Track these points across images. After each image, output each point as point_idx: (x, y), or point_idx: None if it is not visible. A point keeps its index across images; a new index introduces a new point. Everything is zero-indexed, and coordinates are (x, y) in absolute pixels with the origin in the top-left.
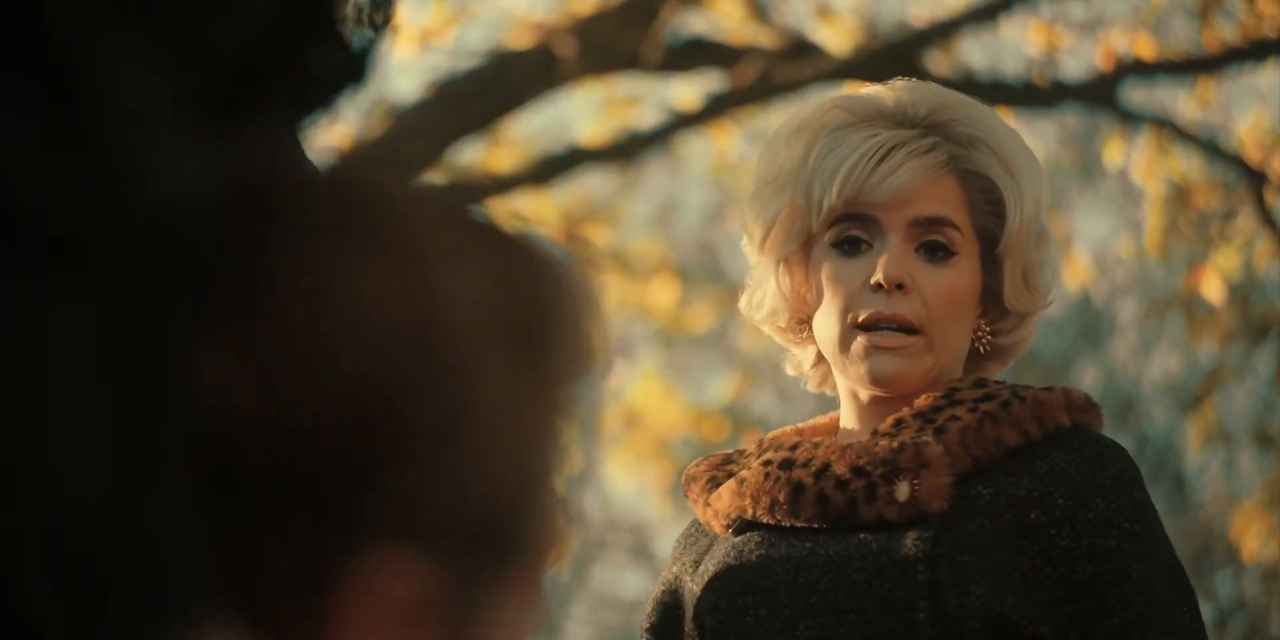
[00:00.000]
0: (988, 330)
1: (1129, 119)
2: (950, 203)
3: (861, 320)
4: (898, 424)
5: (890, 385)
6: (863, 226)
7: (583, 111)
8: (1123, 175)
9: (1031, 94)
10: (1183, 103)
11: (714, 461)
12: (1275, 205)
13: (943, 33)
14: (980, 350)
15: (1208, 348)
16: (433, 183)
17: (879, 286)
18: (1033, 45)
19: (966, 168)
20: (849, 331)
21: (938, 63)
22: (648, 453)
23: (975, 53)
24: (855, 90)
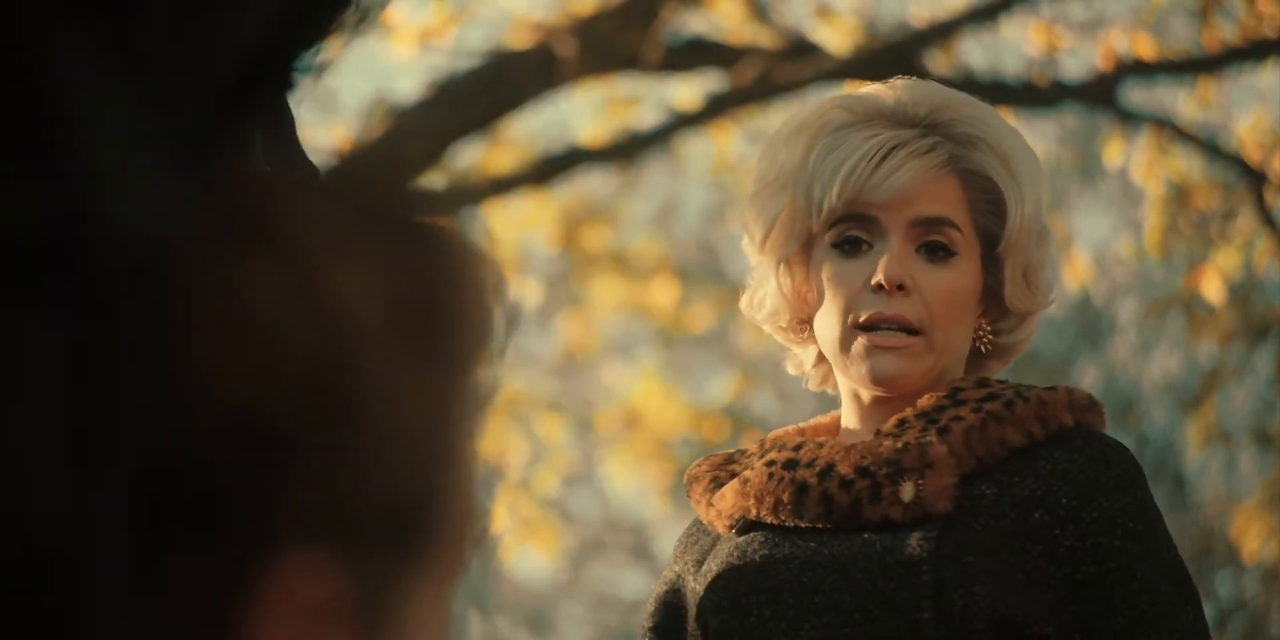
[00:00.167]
0: (989, 330)
1: (1129, 119)
2: (951, 203)
3: (862, 321)
4: (901, 424)
5: (891, 385)
6: (863, 227)
7: (583, 111)
8: (1123, 175)
9: (1031, 94)
10: (1183, 103)
11: (716, 461)
12: (1275, 205)
13: (943, 33)
14: (981, 350)
15: (1208, 348)
16: (332, 172)
17: (879, 287)
18: (1033, 45)
19: (967, 167)
20: (850, 332)
21: (938, 63)
22: (648, 453)
23: (975, 53)
24: (855, 90)
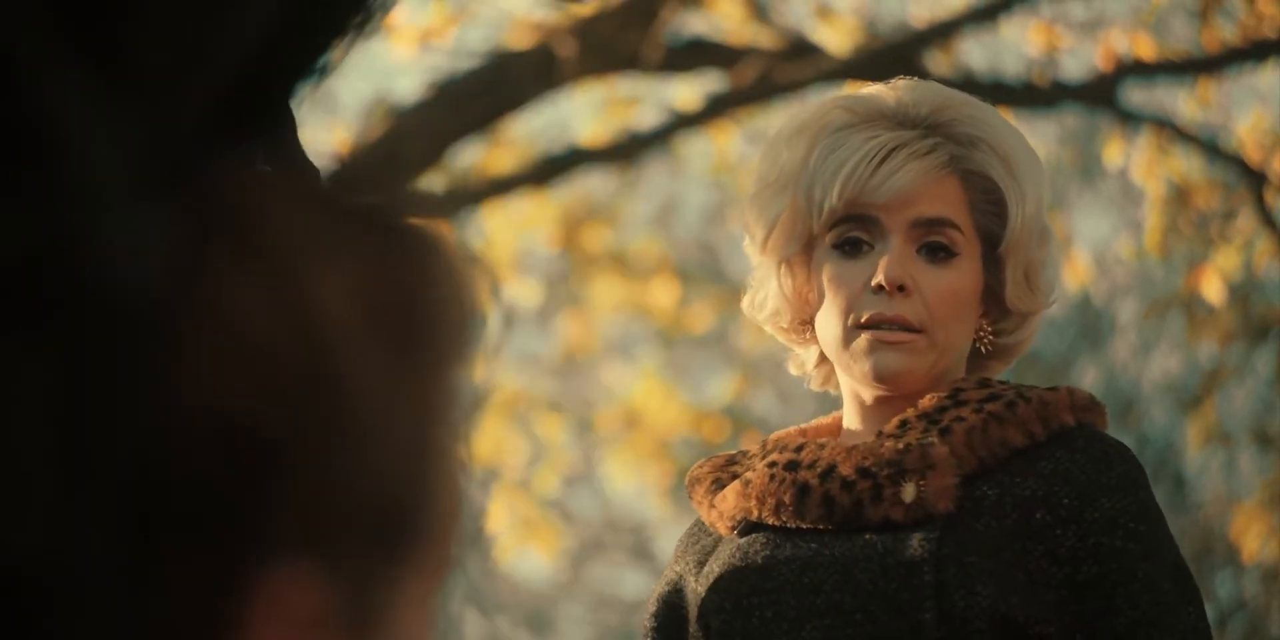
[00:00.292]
0: (990, 330)
1: (1129, 119)
2: (951, 203)
3: (863, 321)
4: (903, 425)
5: (894, 382)
6: (864, 228)
7: (583, 112)
8: (1123, 175)
9: (1031, 94)
10: (1183, 103)
11: (718, 463)
12: (1275, 205)
13: (943, 33)
14: (982, 350)
15: (1208, 348)
16: (330, 175)
17: (880, 288)
18: (1033, 45)
19: (968, 168)
20: (851, 332)
21: (938, 63)
22: (648, 453)
23: (975, 53)
24: (856, 90)
